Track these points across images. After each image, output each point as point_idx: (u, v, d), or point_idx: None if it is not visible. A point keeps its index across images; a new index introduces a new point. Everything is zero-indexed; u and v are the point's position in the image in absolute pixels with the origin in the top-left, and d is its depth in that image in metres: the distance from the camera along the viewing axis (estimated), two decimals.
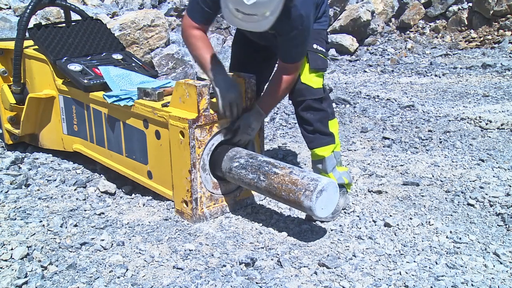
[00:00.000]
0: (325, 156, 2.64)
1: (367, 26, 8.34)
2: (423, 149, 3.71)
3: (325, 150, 2.63)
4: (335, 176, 2.66)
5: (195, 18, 2.50)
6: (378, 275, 2.09)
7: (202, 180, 2.56)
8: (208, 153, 2.56)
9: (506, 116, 4.43)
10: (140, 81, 3.06)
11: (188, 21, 2.52)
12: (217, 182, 2.64)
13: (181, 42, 6.59)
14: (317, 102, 2.59)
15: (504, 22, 8.05)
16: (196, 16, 2.49)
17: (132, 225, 2.58)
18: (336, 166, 2.68)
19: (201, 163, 2.53)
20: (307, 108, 2.60)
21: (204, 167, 2.56)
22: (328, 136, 2.64)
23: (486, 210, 2.67)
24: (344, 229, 2.51)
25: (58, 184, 3.13)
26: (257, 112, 2.64)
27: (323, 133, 2.63)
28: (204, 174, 2.56)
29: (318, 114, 2.60)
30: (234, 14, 2.16)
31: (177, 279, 2.09)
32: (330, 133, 2.64)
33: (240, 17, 2.16)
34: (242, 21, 2.19)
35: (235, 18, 2.18)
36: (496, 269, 2.12)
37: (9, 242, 2.31)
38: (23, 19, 3.33)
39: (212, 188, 2.63)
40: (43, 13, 5.79)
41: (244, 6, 2.09)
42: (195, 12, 2.50)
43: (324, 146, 2.63)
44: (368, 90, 5.71)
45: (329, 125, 2.64)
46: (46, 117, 3.45)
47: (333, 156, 2.66)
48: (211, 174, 2.61)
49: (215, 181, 2.63)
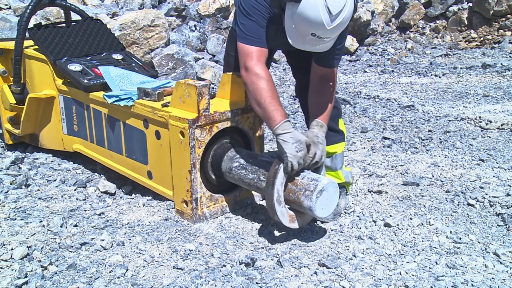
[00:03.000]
0: (338, 152, 2.65)
1: (367, 26, 8.34)
2: (423, 149, 3.71)
3: (337, 147, 2.65)
4: (343, 174, 2.67)
5: (260, 42, 2.22)
6: (378, 275, 2.09)
7: (278, 214, 2.24)
8: (282, 182, 2.23)
9: (506, 116, 4.43)
10: (140, 81, 3.06)
11: (252, 51, 2.21)
12: (293, 215, 2.33)
13: (181, 42, 6.59)
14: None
15: (504, 22, 8.06)
16: (260, 41, 2.22)
17: (132, 225, 2.58)
18: (342, 165, 2.70)
19: (276, 195, 2.22)
20: None
21: (279, 200, 2.25)
22: (339, 134, 2.65)
23: (486, 210, 2.67)
24: (344, 229, 2.51)
25: (58, 184, 3.13)
26: (322, 127, 2.41)
27: (334, 131, 2.63)
28: (279, 207, 2.25)
29: (332, 112, 2.57)
30: (303, 37, 2.10)
31: (177, 279, 2.09)
32: (340, 130, 2.66)
33: (310, 40, 2.11)
34: (310, 44, 2.14)
35: (304, 41, 2.12)
36: (496, 269, 2.11)
37: (9, 242, 2.31)
38: (23, 19, 3.33)
39: (289, 222, 2.31)
40: (43, 13, 5.79)
41: (323, 31, 2.06)
42: (257, 36, 2.22)
43: (336, 144, 2.64)
44: (368, 90, 5.71)
45: (339, 123, 2.65)
46: (46, 117, 3.45)
47: (343, 153, 2.67)
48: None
49: (291, 214, 2.32)
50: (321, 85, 2.46)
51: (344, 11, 2.06)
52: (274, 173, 2.20)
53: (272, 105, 2.22)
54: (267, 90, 2.24)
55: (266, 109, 2.23)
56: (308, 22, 2.05)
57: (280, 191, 2.23)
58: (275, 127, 2.22)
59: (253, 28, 2.23)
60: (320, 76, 2.45)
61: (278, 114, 2.22)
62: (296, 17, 2.07)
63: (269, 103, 2.22)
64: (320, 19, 2.03)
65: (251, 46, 2.24)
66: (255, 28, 2.23)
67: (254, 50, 2.24)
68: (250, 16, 2.23)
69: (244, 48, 2.26)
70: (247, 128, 2.75)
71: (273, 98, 2.24)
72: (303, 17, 2.05)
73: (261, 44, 2.25)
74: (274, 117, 2.21)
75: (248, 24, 2.24)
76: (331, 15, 2.03)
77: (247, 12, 2.23)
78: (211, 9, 7.51)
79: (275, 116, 2.21)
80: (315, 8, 2.01)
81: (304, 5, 2.02)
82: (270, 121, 2.24)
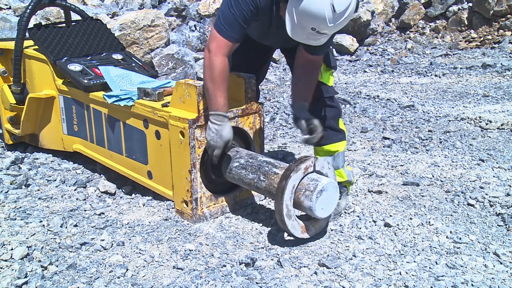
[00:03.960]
0: (340, 150, 2.66)
1: (367, 26, 8.34)
2: (423, 149, 3.71)
3: (338, 146, 2.66)
4: (345, 172, 2.68)
5: (229, 35, 2.30)
6: (378, 275, 2.09)
7: (289, 228, 2.28)
8: (290, 196, 2.26)
9: (506, 116, 4.43)
10: (140, 81, 3.06)
11: (219, 40, 2.31)
12: (304, 226, 2.34)
13: (181, 42, 6.59)
14: (331, 100, 2.62)
15: (504, 22, 8.05)
16: (230, 34, 2.30)
17: (132, 225, 2.58)
18: (344, 164, 2.71)
19: (285, 210, 2.24)
20: (321, 106, 2.60)
21: (289, 214, 2.27)
22: (339, 133, 2.67)
23: (486, 210, 2.67)
24: (344, 229, 2.51)
25: (58, 184, 3.13)
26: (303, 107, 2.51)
27: (335, 130, 2.64)
28: (290, 221, 2.27)
29: (332, 111, 2.63)
30: (303, 31, 2.15)
31: (177, 279, 2.09)
32: (341, 129, 2.67)
33: (309, 34, 2.15)
34: (308, 37, 2.19)
35: (303, 33, 2.17)
36: (496, 269, 2.11)
37: (9, 242, 2.31)
38: (23, 19, 3.33)
39: (301, 233, 2.33)
40: (43, 13, 5.79)
41: (325, 27, 2.10)
42: (229, 28, 2.29)
43: (337, 142, 2.65)
44: (368, 90, 5.71)
45: (339, 122, 2.66)
46: (46, 117, 3.45)
47: (344, 152, 2.68)
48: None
49: (302, 225, 2.34)
50: (306, 70, 2.53)
51: (348, 9, 2.09)
52: (282, 189, 2.23)
53: (222, 91, 2.38)
54: (224, 79, 2.37)
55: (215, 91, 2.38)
56: (311, 17, 2.08)
57: (290, 206, 2.26)
58: (212, 111, 2.41)
59: (229, 19, 2.30)
60: (307, 61, 2.50)
61: (222, 101, 2.38)
62: (300, 10, 2.09)
63: (219, 88, 2.37)
64: (323, 16, 2.06)
65: (219, 35, 2.32)
66: (231, 20, 2.29)
67: (220, 40, 2.33)
68: (231, 8, 2.28)
69: (214, 33, 2.35)
70: (247, 128, 2.75)
71: (225, 85, 2.39)
72: (307, 12, 2.07)
73: (230, 37, 2.31)
74: (218, 102, 2.38)
75: (226, 14, 2.31)
76: (334, 13, 2.06)
77: (231, 4, 2.28)
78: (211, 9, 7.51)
79: (219, 102, 2.38)
80: (320, 4, 2.04)
81: (310, 0, 2.05)
82: (211, 104, 2.42)
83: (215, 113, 2.40)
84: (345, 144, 2.70)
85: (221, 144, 2.43)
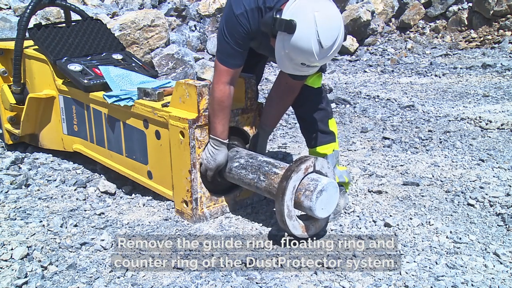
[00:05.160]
0: (327, 154, 2.65)
1: (367, 26, 8.34)
2: (423, 149, 3.71)
3: (326, 148, 2.66)
4: (336, 174, 2.67)
5: (232, 64, 2.38)
6: (378, 275, 2.09)
7: (290, 228, 2.29)
8: (291, 197, 2.26)
9: (506, 116, 4.43)
10: (140, 81, 3.06)
11: (220, 68, 2.40)
12: (304, 225, 2.35)
13: (181, 42, 6.60)
14: (318, 102, 2.61)
15: (504, 22, 8.06)
16: (232, 62, 2.38)
17: (132, 225, 2.58)
18: (336, 164, 2.70)
19: (286, 210, 2.25)
20: (308, 108, 2.62)
21: (289, 214, 2.28)
22: (328, 135, 2.66)
23: (486, 210, 2.67)
24: (344, 229, 2.51)
25: (58, 184, 3.13)
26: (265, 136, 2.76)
27: (324, 132, 2.65)
28: (291, 222, 2.29)
29: (319, 114, 2.63)
30: (293, 64, 2.21)
31: (177, 279, 2.09)
32: (330, 131, 2.67)
33: (299, 67, 2.21)
34: (298, 70, 2.26)
35: (293, 67, 2.23)
36: (496, 269, 2.11)
37: (9, 242, 2.31)
38: (23, 19, 3.33)
39: (302, 233, 2.34)
40: (43, 13, 5.80)
41: (314, 61, 2.15)
42: (230, 57, 2.37)
43: (325, 145, 2.66)
44: (368, 90, 5.71)
45: (329, 124, 2.66)
46: (46, 117, 3.45)
47: (333, 154, 2.67)
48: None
49: (303, 225, 2.35)
50: (283, 93, 2.60)
51: (335, 43, 2.14)
52: (283, 189, 2.23)
53: (220, 119, 2.46)
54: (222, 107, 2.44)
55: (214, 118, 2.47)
56: (300, 53, 2.13)
57: (290, 206, 2.27)
58: (211, 135, 2.50)
59: (225, 49, 2.37)
60: (285, 83, 2.56)
61: (220, 128, 2.47)
62: (288, 46, 2.14)
63: (217, 116, 2.46)
64: (311, 51, 2.10)
65: (220, 64, 2.39)
66: (227, 49, 2.36)
67: (221, 69, 2.39)
68: (226, 37, 2.35)
69: (216, 62, 2.43)
70: (247, 128, 2.75)
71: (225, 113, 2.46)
72: (295, 48, 2.12)
73: (230, 65, 2.38)
74: (216, 128, 2.48)
75: (222, 44, 2.39)
76: (322, 49, 2.11)
77: (225, 33, 2.35)
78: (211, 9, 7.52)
79: (217, 129, 2.47)
80: (308, 41, 2.08)
81: (297, 37, 2.09)
82: (210, 128, 2.52)
83: (214, 138, 2.49)
84: (334, 145, 2.69)
85: (213, 167, 2.51)
